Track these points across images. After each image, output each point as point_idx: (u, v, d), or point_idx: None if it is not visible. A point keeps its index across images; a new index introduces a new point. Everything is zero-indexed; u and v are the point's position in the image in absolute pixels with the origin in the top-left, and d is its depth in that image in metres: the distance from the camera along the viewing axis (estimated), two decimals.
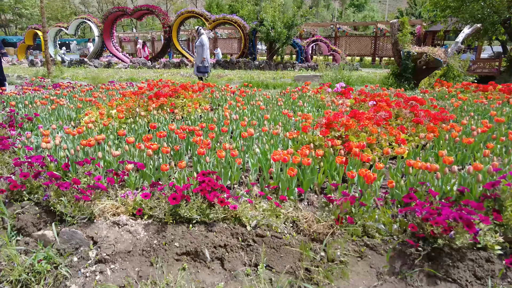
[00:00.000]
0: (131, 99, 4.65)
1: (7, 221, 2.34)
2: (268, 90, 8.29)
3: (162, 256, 2.00)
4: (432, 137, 3.00)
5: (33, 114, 4.10)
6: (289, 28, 15.87)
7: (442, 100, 6.05)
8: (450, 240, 1.85)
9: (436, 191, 2.27)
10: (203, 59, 8.51)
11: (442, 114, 3.84)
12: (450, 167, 2.39)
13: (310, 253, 1.88)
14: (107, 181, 2.53)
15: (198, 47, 8.55)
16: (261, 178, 2.69)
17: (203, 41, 8.53)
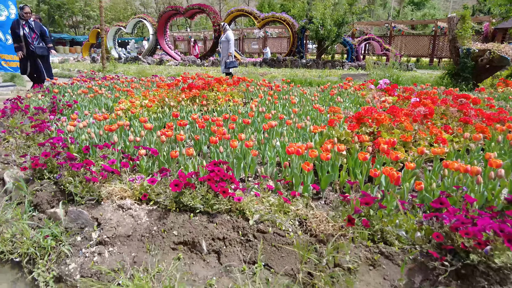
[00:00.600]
0: (165, 90, 4.71)
1: (26, 197, 2.43)
2: (311, 88, 8.01)
3: (159, 244, 1.91)
4: (480, 137, 2.60)
5: (73, 101, 4.31)
6: (339, 26, 15.33)
7: (505, 101, 5.36)
8: (488, 258, 1.53)
9: (475, 197, 1.93)
10: (229, 54, 8.49)
11: (499, 114, 3.34)
12: (496, 172, 2.02)
13: (313, 256, 1.67)
14: (122, 165, 2.52)
15: (224, 42, 8.55)
16: (275, 172, 2.51)
17: (228, 37, 8.53)
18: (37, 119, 3.67)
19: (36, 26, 7.26)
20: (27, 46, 7.16)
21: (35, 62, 7.40)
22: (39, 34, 7.30)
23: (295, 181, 2.25)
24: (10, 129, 3.36)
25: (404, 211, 1.82)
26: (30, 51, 7.19)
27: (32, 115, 3.82)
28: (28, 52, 7.18)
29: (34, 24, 7.23)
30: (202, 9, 20.23)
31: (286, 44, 26.35)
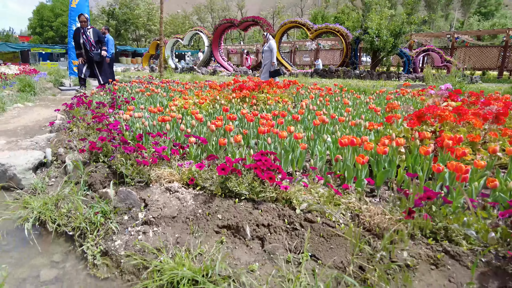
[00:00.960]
0: (217, 91, 4.80)
1: (82, 177, 2.56)
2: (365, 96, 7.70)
3: (202, 226, 1.88)
4: None
5: (130, 98, 4.56)
6: (396, 36, 14.74)
7: None
8: None
9: None
10: (273, 63, 8.48)
11: None
12: None
13: (366, 249, 1.52)
14: (172, 152, 2.56)
15: (266, 51, 8.57)
16: (325, 168, 2.38)
17: (271, 46, 8.54)
18: (97, 112, 3.91)
19: (94, 34, 7.83)
20: (86, 53, 7.82)
21: (91, 67, 8.05)
22: (97, 40, 7.86)
23: (348, 175, 2.10)
24: (74, 120, 3.61)
25: (473, 208, 1.60)
26: (88, 57, 7.84)
27: (93, 109, 4.09)
28: (87, 58, 7.85)
29: (92, 31, 7.82)
30: (256, 21, 20.69)
31: (339, 57, 25.91)
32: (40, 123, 4.76)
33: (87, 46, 7.77)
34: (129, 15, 44.30)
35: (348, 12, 30.10)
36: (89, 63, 7.99)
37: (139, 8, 44.84)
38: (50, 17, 42.60)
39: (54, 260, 2.04)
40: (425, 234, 1.61)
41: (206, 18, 55.53)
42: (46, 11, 43.20)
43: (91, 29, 7.87)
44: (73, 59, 10.12)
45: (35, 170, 3.06)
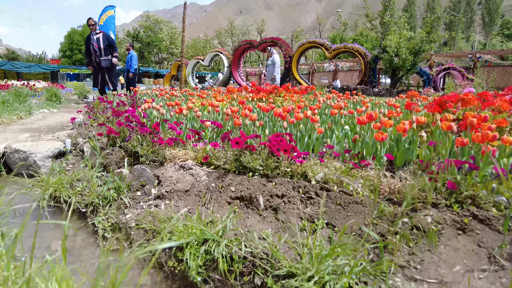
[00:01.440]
0: (234, 93, 4.84)
1: (98, 159, 2.58)
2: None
3: (215, 198, 1.83)
4: None
5: (150, 100, 4.66)
6: (415, 55, 14.65)
7: None
8: None
9: None
10: (273, 77, 8.57)
11: None
12: None
13: (387, 210, 1.43)
14: (187, 137, 2.56)
15: (270, 65, 8.71)
16: (342, 148, 2.31)
17: (274, 60, 8.67)
18: (117, 109, 3.99)
19: (103, 38, 7.31)
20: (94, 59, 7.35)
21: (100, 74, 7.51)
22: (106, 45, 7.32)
23: (367, 152, 2.03)
24: (95, 114, 3.69)
25: (503, 176, 1.49)
26: (96, 63, 7.34)
27: (114, 107, 4.18)
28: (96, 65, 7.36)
29: (102, 36, 7.30)
30: (275, 42, 21.08)
31: (357, 78, 25.90)
32: (62, 124, 4.91)
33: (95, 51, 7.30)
34: (153, 38, 46.16)
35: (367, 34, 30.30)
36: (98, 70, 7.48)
37: (162, 32, 46.73)
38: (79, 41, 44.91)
39: (65, 234, 2.03)
40: (450, 203, 1.50)
41: (227, 42, 57.18)
42: (76, 36, 45.65)
43: (101, 34, 7.36)
44: None
45: (54, 158, 3.12)
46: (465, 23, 44.23)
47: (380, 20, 19.29)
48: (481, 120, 2.02)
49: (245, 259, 1.40)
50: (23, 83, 10.84)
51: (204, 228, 1.40)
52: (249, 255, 1.39)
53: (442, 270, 1.24)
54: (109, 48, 7.39)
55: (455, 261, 1.26)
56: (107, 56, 7.36)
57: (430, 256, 1.30)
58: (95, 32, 7.30)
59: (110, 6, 10.69)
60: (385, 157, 1.94)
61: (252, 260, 1.39)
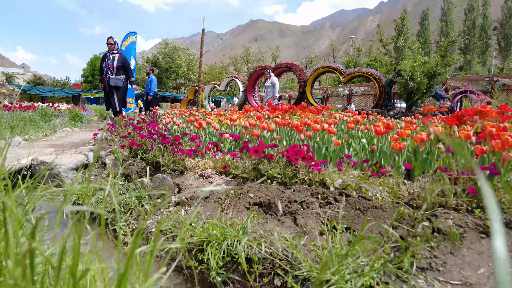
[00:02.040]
0: (250, 112, 4.94)
1: (120, 170, 2.66)
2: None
3: (234, 204, 1.86)
4: None
5: (170, 118, 4.81)
6: (430, 78, 14.64)
7: None
8: None
9: None
10: (275, 97, 8.70)
11: None
12: None
13: (406, 212, 1.43)
14: (206, 148, 2.63)
15: (269, 87, 8.90)
16: (360, 158, 2.32)
17: (273, 81, 8.86)
18: (139, 126, 4.13)
19: (119, 59, 7.01)
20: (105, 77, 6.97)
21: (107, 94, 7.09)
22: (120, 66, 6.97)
23: (384, 161, 2.04)
24: (116, 128, 3.83)
25: None
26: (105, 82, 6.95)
27: (135, 124, 4.33)
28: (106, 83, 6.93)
29: (118, 56, 7.03)
30: (289, 67, 21.47)
31: (372, 102, 25.88)
32: (84, 141, 5.08)
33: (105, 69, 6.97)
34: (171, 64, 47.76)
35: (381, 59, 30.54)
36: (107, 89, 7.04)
37: (180, 59, 48.35)
38: None
39: (86, 238, 2.08)
40: (471, 208, 1.49)
41: (242, 68, 58.52)
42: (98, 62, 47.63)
43: (118, 54, 7.09)
44: None
45: (77, 170, 3.22)
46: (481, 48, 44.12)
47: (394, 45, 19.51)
48: (501, 130, 2.02)
49: (264, 260, 1.41)
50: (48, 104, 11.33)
51: (225, 226, 1.42)
52: (269, 255, 1.40)
53: (466, 272, 1.22)
54: (123, 70, 7.09)
55: (479, 264, 1.24)
56: (118, 76, 7.00)
57: (453, 258, 1.28)
58: (112, 52, 7.11)
59: (132, 33, 11.22)
60: (403, 166, 1.95)
61: (272, 261, 1.40)
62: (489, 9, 46.95)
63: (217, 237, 1.48)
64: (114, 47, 7.10)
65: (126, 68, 7.14)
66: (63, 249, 0.54)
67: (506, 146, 1.61)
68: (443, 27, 46.04)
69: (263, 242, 1.41)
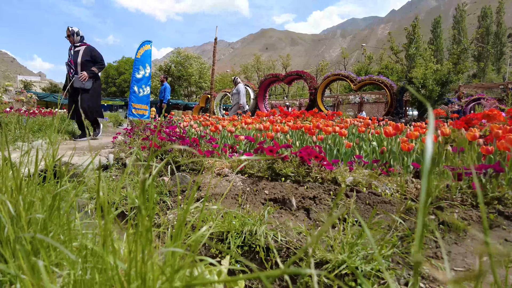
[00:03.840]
0: (262, 117, 5.08)
1: (142, 167, 2.81)
2: None
3: (250, 200, 1.98)
4: None
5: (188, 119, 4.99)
6: (442, 85, 14.59)
7: None
8: None
9: None
10: (240, 105, 8.88)
11: None
12: None
13: (413, 205, 1.52)
14: (223, 150, 2.76)
15: (235, 94, 9.13)
16: (370, 159, 2.42)
17: (239, 89, 9.06)
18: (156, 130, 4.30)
19: (84, 52, 5.37)
20: (68, 78, 5.50)
21: (72, 98, 5.49)
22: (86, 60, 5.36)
23: (394, 161, 2.13)
24: (135, 131, 4.00)
25: None
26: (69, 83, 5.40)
27: (152, 128, 4.51)
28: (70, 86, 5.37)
29: (84, 49, 5.39)
30: (300, 75, 21.64)
31: (383, 110, 25.80)
32: (102, 145, 5.28)
33: (69, 68, 5.42)
34: (183, 72, 48.52)
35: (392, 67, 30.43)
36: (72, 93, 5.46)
37: (192, 67, 49.08)
38: (114, 75, 47.96)
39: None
40: (475, 203, 1.58)
41: (253, 76, 59.06)
42: (111, 70, 48.82)
43: (83, 46, 5.45)
44: (133, 102, 11.23)
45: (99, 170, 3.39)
46: (495, 55, 43.58)
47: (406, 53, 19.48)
48: (507, 132, 2.09)
49: (280, 249, 1.52)
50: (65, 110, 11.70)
51: (245, 216, 1.54)
52: (285, 244, 1.51)
53: (469, 260, 1.31)
54: (89, 64, 5.39)
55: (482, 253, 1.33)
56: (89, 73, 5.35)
57: (457, 248, 1.37)
58: (75, 45, 5.44)
59: (147, 41, 11.53)
60: (411, 166, 2.04)
61: (287, 250, 1.51)
62: (503, 16, 46.50)
63: (236, 228, 1.60)
64: (74, 39, 5.42)
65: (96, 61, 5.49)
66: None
67: (511, 146, 1.69)
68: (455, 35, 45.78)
69: (279, 232, 1.52)
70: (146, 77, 11.43)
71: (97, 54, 5.49)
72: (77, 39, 5.46)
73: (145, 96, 11.37)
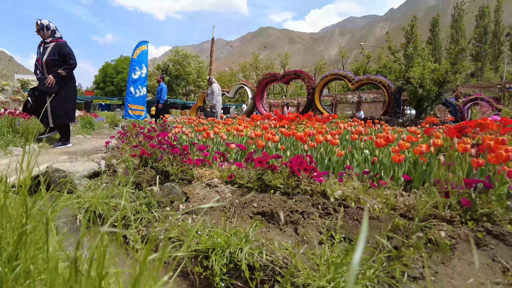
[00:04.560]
0: (258, 120, 5.05)
1: (131, 178, 2.77)
2: None
3: (238, 213, 1.95)
4: None
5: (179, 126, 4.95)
6: (440, 85, 14.57)
7: None
8: None
9: None
10: (213, 105, 8.88)
11: None
12: None
13: (401, 223, 1.49)
14: (213, 158, 2.73)
15: (209, 94, 9.11)
16: (361, 169, 2.39)
17: (213, 89, 9.09)
18: (149, 135, 4.27)
19: (53, 49, 4.68)
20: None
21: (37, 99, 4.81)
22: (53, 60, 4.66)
23: (384, 172, 2.11)
24: (127, 136, 3.97)
25: None
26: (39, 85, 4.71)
27: (145, 132, 4.47)
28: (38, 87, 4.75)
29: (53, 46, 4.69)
30: (298, 75, 21.59)
31: (381, 109, 25.79)
32: (96, 148, 5.25)
33: (35, 68, 4.83)
34: (181, 71, 48.38)
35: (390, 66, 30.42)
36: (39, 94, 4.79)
37: (190, 66, 48.94)
38: (112, 74, 47.77)
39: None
40: (465, 220, 1.55)
41: (251, 75, 58.94)
42: (109, 69, 48.61)
43: (53, 43, 4.73)
44: (129, 103, 11.18)
45: (90, 178, 3.36)
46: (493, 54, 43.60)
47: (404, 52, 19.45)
48: (499, 143, 2.07)
49: (266, 267, 1.49)
50: None
51: (229, 235, 1.51)
52: (270, 263, 1.48)
53: (456, 282, 1.28)
54: (58, 63, 4.69)
55: (469, 274, 1.31)
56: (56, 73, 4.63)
57: (444, 268, 1.35)
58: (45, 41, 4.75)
59: (143, 42, 11.48)
60: (402, 177, 2.01)
61: (273, 268, 1.48)
62: (501, 15, 46.51)
63: (221, 245, 1.57)
64: (44, 34, 4.73)
65: (65, 59, 4.73)
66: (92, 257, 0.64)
67: (500, 160, 1.66)
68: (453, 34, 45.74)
69: (264, 250, 1.50)
70: (142, 78, 11.38)
71: (66, 51, 4.73)
72: (47, 33, 4.72)
73: (142, 96, 11.33)
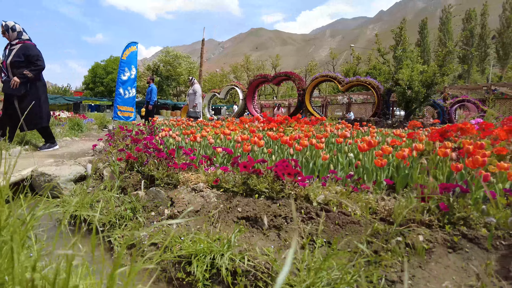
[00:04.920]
0: (246, 123, 5.06)
1: (117, 182, 2.76)
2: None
3: (223, 218, 1.96)
4: None
5: (167, 129, 4.93)
6: (428, 87, 14.80)
7: None
8: None
9: None
10: (195, 105, 8.92)
11: None
12: None
13: (380, 228, 1.52)
14: (200, 162, 2.73)
15: (191, 94, 9.12)
16: (345, 173, 2.42)
17: (195, 89, 9.11)
18: (136, 138, 4.24)
19: (19, 50, 4.45)
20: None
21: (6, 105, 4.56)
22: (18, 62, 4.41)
23: (367, 177, 2.14)
24: (115, 139, 3.94)
25: (492, 199, 1.58)
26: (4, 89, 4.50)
27: (133, 135, 4.44)
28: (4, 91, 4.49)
29: (19, 47, 4.46)
30: (288, 76, 21.67)
31: (371, 110, 26.05)
32: (84, 151, 5.19)
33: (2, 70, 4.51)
34: (172, 71, 48.10)
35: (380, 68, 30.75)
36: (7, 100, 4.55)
37: (181, 67, 48.68)
38: (102, 74, 47.21)
39: (82, 250, 2.17)
40: (443, 224, 1.59)
41: (242, 76, 58.90)
42: (99, 69, 48.04)
43: (19, 45, 4.50)
44: (118, 104, 11.08)
45: (76, 182, 3.33)
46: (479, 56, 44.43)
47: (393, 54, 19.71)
48: (478, 147, 2.12)
49: (248, 273, 1.50)
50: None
51: (211, 242, 1.52)
52: (252, 268, 1.49)
53: (432, 285, 1.32)
54: (23, 64, 4.44)
55: (444, 277, 1.34)
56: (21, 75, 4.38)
57: (421, 272, 1.38)
58: (11, 43, 4.54)
59: (133, 43, 11.39)
60: (384, 181, 2.05)
61: (255, 273, 1.50)
62: (487, 18, 47.43)
63: (203, 251, 1.58)
64: (10, 36, 4.52)
65: (31, 61, 4.48)
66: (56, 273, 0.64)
67: (476, 165, 1.71)
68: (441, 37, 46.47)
69: (246, 255, 1.51)
70: (131, 79, 11.28)
71: (33, 53, 4.49)
72: (13, 35, 4.51)
73: (131, 98, 11.22)
